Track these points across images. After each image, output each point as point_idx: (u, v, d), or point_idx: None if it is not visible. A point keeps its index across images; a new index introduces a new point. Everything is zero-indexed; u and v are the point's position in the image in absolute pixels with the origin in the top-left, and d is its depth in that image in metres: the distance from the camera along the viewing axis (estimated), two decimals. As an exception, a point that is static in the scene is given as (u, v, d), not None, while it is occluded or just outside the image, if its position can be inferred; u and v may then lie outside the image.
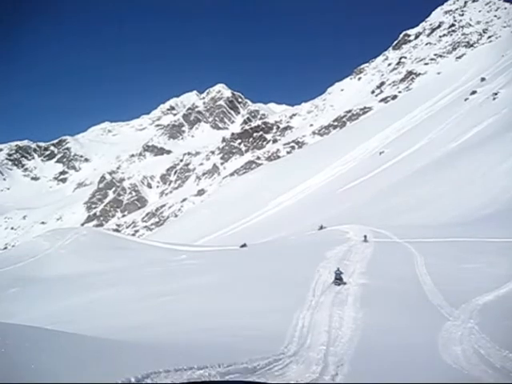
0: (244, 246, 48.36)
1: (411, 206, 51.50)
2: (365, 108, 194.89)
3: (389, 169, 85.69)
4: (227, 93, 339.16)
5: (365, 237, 32.86)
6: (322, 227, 46.86)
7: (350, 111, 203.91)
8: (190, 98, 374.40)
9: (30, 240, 50.21)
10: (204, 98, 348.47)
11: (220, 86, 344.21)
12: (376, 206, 60.82)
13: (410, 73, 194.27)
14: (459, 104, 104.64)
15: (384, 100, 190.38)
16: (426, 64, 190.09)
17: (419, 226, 38.98)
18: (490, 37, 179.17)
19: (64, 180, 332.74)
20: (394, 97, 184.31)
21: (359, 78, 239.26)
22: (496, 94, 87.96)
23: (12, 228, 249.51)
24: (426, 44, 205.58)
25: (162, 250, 46.15)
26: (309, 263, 23.78)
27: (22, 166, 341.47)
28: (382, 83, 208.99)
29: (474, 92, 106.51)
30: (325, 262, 23.30)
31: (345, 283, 18.90)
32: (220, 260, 34.80)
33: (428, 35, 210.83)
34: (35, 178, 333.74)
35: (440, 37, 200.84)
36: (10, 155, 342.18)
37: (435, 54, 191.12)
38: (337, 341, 12.44)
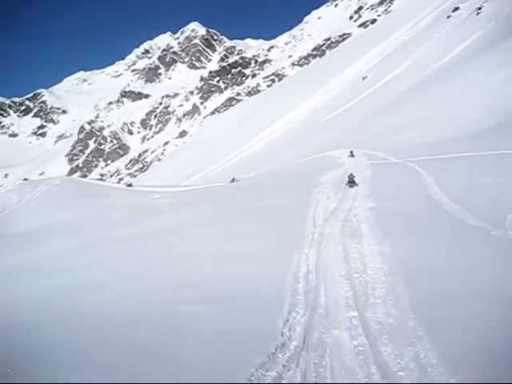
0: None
1: (402, 127, 49.25)
2: (344, 34, 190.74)
3: (374, 93, 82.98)
4: (202, 31, 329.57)
5: (351, 152, 31.45)
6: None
7: (328, 39, 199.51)
8: (164, 40, 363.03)
9: (-2, 195, 47.61)
10: (178, 38, 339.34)
11: (194, 25, 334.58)
12: (364, 130, 58.56)
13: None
14: (442, 22, 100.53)
15: (363, 25, 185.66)
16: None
17: (414, 145, 36.85)
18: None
19: (43, 134, 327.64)
20: (374, 21, 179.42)
21: (336, 5, 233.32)
22: (480, 8, 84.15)
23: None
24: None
25: (138, 193, 44.14)
26: (302, 191, 21.18)
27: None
28: (360, 8, 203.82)
29: (456, 8, 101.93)
30: (320, 188, 20.93)
31: (357, 184, 20.28)
32: (197, 197, 32.19)
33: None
34: (13, 135, 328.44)
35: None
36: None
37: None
38: (369, 296, 8.30)
